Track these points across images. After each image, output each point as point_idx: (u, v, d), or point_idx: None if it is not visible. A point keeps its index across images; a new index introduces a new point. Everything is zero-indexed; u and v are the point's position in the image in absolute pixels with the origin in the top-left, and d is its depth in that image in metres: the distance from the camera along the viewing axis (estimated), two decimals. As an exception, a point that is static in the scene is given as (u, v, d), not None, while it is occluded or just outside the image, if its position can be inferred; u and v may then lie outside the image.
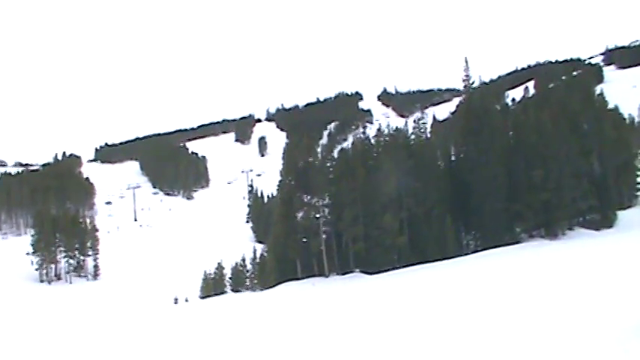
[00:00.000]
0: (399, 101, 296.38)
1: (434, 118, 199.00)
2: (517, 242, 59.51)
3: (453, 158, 69.31)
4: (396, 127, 70.38)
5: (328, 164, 65.68)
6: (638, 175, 77.74)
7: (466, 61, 65.19)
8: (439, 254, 57.18)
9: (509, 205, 60.57)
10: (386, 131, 69.28)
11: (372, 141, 68.34)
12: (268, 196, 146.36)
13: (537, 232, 62.33)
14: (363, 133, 72.38)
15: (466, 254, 58.41)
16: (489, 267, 47.69)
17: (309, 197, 62.51)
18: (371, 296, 44.75)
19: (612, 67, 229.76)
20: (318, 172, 63.01)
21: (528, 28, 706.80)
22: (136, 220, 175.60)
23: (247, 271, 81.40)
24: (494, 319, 25.11)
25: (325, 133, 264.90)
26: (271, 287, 62.33)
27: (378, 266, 58.33)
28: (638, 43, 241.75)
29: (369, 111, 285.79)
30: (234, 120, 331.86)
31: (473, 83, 66.55)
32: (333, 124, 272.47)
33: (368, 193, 60.21)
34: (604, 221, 64.78)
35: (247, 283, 79.49)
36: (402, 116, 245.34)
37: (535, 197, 60.12)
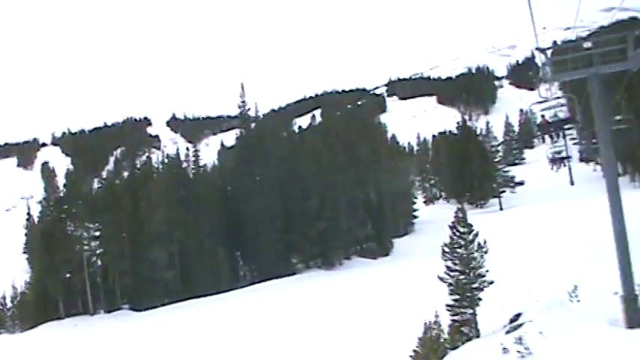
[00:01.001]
0: (187, 127, 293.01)
1: (222, 144, 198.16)
2: (294, 273, 58.23)
3: (229, 187, 66.98)
4: (168, 155, 66.88)
5: (94, 194, 60.82)
6: (414, 203, 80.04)
7: (242, 87, 63.94)
8: (213, 288, 54.38)
9: (285, 235, 59.00)
10: (157, 159, 65.73)
11: (142, 170, 64.45)
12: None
13: (314, 263, 61.15)
14: (133, 161, 68.29)
15: (242, 287, 56.13)
16: (262, 300, 47.42)
17: (72, 229, 57.29)
18: (134, 339, 42.81)
19: (395, 97, 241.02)
20: (83, 202, 58.06)
21: (317, 59, 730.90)
22: None
23: (8, 310, 73.08)
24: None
25: (112, 159, 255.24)
26: (31, 328, 56.25)
27: (147, 302, 54.30)
28: (417, 76, 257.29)
29: (157, 137, 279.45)
30: (17, 144, 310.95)
31: (249, 110, 64.84)
32: (119, 150, 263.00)
33: (135, 224, 56.13)
34: (381, 249, 65.46)
35: (9, 323, 71.27)
36: (191, 142, 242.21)
37: (311, 227, 59.04)
